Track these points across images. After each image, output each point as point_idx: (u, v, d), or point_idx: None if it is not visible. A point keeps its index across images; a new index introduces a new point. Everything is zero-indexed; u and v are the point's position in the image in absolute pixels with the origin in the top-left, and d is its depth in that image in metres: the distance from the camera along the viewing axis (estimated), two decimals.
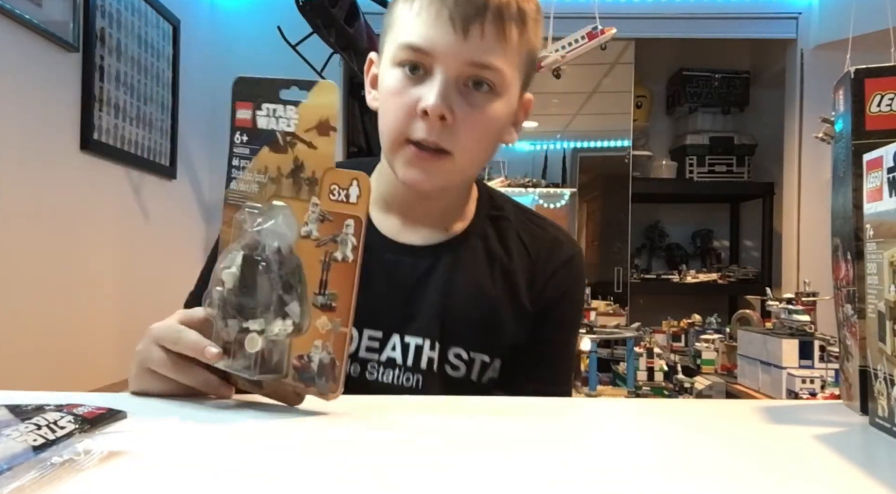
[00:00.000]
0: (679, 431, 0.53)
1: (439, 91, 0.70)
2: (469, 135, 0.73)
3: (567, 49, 2.40)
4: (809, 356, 1.98)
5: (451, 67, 0.70)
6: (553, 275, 0.84)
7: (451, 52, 0.70)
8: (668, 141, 4.01)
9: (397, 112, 0.73)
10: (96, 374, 2.09)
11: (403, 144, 0.73)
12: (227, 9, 3.13)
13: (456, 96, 0.71)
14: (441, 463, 0.43)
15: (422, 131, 0.71)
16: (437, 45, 0.70)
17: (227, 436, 0.49)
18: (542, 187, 3.67)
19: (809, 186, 3.31)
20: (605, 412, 0.62)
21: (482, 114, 0.73)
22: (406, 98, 0.72)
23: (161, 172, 2.60)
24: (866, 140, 0.55)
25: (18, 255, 1.78)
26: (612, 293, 3.41)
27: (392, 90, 0.73)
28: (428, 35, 0.70)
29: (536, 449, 0.47)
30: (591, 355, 2.10)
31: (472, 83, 0.72)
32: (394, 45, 0.73)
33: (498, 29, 0.70)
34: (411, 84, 0.72)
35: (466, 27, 0.69)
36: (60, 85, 1.98)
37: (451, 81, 0.71)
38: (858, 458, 0.46)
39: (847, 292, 0.57)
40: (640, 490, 0.38)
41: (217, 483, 0.39)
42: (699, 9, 3.29)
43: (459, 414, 0.58)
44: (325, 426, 0.53)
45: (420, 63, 0.71)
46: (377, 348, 0.78)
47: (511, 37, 0.72)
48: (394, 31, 0.74)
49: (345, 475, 0.41)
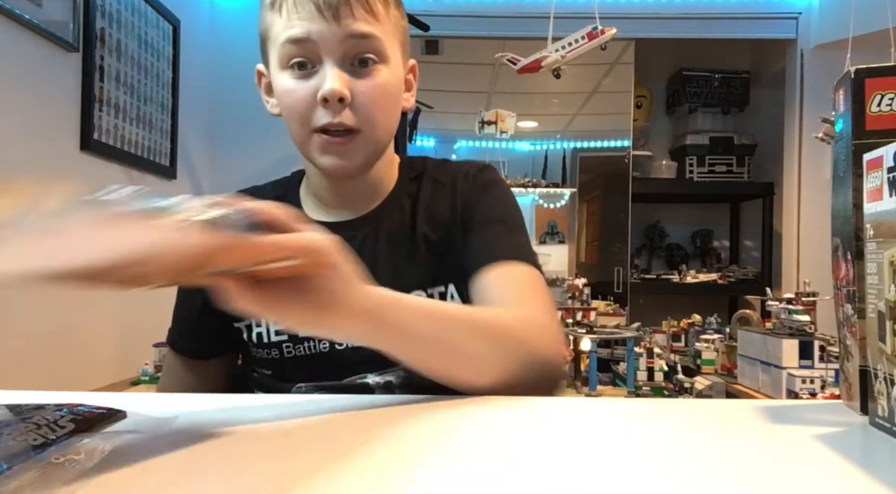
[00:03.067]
0: (679, 431, 0.53)
1: (332, 75, 0.75)
2: (370, 108, 0.78)
3: (567, 49, 2.40)
4: (809, 356, 1.98)
5: (334, 49, 0.76)
6: (466, 183, 0.88)
7: (329, 35, 0.75)
8: (668, 141, 4.01)
9: (298, 107, 0.78)
10: (96, 374, 2.09)
11: (311, 135, 0.78)
12: (227, 9, 3.13)
13: (347, 77, 0.76)
14: (440, 463, 0.43)
15: (326, 117, 0.76)
16: (315, 33, 0.75)
17: (227, 435, 0.49)
18: (542, 186, 3.67)
19: (809, 186, 3.31)
20: (605, 412, 0.62)
21: (375, 85, 0.78)
22: (302, 92, 0.77)
23: (161, 172, 2.60)
24: (866, 140, 0.55)
25: None
26: (612, 293, 3.41)
27: (287, 90, 0.78)
28: (305, 26, 0.75)
29: (536, 449, 0.47)
30: (591, 355, 2.10)
31: (358, 62, 0.78)
32: (276, 48, 0.78)
33: (362, 5, 0.77)
34: (303, 79, 0.77)
35: (335, 9, 0.75)
36: (60, 85, 1.98)
37: (338, 64, 0.76)
38: (858, 458, 0.46)
39: (847, 292, 0.57)
40: (640, 490, 0.38)
41: (217, 483, 0.39)
42: (699, 9, 3.30)
43: (459, 414, 0.58)
44: (324, 427, 0.53)
45: (306, 57, 0.77)
46: None
47: (377, 9, 0.78)
48: (272, 37, 0.79)
49: (345, 476, 0.41)
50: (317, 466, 0.42)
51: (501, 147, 3.12)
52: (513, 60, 2.54)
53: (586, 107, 3.81)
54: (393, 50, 0.80)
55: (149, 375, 2.10)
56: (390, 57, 0.80)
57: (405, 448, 0.47)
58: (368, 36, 0.77)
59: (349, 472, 0.41)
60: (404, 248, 0.85)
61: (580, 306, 2.68)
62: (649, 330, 2.66)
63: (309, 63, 0.77)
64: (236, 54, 3.05)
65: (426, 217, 0.86)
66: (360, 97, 0.77)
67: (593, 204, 3.85)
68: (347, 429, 0.53)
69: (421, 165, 0.92)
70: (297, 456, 0.44)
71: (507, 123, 2.78)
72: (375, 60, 0.78)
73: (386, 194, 0.88)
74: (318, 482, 0.39)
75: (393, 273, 0.82)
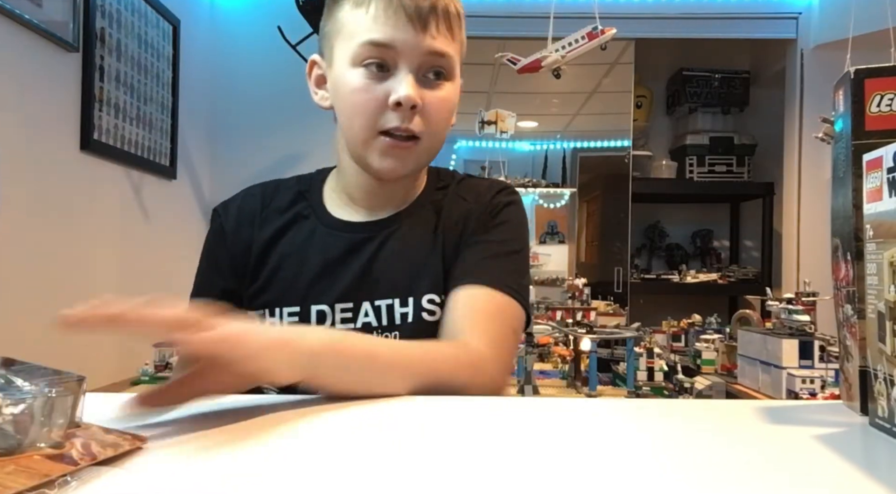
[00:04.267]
0: (679, 431, 0.53)
1: (408, 82, 0.78)
2: (434, 119, 0.81)
3: (567, 49, 2.40)
4: (809, 356, 1.98)
5: (413, 59, 0.79)
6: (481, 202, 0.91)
7: (412, 45, 0.78)
8: (668, 141, 4.01)
9: (368, 107, 0.79)
10: (96, 374, 2.09)
11: (376, 137, 0.80)
12: (227, 9, 3.13)
13: (420, 86, 0.79)
14: (440, 464, 0.43)
15: (395, 120, 0.79)
16: (399, 41, 0.78)
17: (226, 435, 0.49)
18: (542, 187, 3.67)
19: (809, 186, 3.31)
20: (605, 412, 0.62)
21: (442, 99, 0.82)
22: (374, 93, 0.79)
23: (161, 172, 2.60)
24: (866, 140, 0.55)
25: (18, 255, 1.78)
26: (612, 293, 3.40)
27: (358, 88, 0.80)
28: (390, 33, 0.78)
29: (536, 449, 0.47)
30: (591, 355, 2.10)
31: (431, 73, 0.81)
32: (352, 45, 0.79)
33: (445, 23, 0.81)
34: (377, 80, 0.79)
35: (424, 23, 0.78)
36: (60, 85, 1.98)
37: (413, 73, 0.79)
38: (858, 458, 0.46)
39: (847, 292, 0.57)
40: (641, 490, 0.38)
41: (216, 484, 0.39)
42: (699, 9, 3.29)
43: (458, 414, 0.58)
44: (324, 427, 0.53)
45: (384, 60, 0.79)
46: (351, 318, 0.84)
47: (454, 30, 0.82)
48: (346, 34, 0.81)
49: (346, 477, 0.41)
50: (316, 466, 0.42)
51: (501, 147, 3.12)
52: (513, 60, 2.54)
53: (586, 107, 3.81)
54: (457, 69, 0.85)
55: (149, 375, 2.10)
56: (455, 76, 0.84)
57: (400, 446, 0.47)
58: (445, 54, 0.81)
59: (350, 472, 0.41)
60: (422, 254, 0.87)
61: (580, 306, 2.68)
62: (649, 330, 2.66)
63: (385, 65, 0.79)
64: (236, 54, 3.06)
65: (445, 228, 0.88)
66: (428, 107, 0.80)
67: (593, 204, 3.85)
68: (350, 428, 0.53)
69: (448, 178, 0.95)
70: (296, 456, 0.44)
71: (507, 123, 2.78)
72: (445, 76, 0.82)
73: (412, 199, 0.91)
74: (319, 482, 0.39)
75: (408, 276, 0.85)
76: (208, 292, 0.89)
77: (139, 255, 2.43)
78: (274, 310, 0.85)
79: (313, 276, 0.85)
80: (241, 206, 0.91)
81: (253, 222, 0.89)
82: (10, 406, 0.39)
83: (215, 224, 0.92)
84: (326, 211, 0.90)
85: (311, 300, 0.84)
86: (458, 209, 0.90)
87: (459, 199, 0.91)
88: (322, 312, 0.84)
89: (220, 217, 0.91)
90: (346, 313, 0.84)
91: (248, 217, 0.90)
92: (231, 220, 0.90)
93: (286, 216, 0.89)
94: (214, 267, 0.91)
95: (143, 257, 2.45)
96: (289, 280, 0.86)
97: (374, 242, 0.86)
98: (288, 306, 0.84)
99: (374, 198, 0.89)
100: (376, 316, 0.84)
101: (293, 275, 0.86)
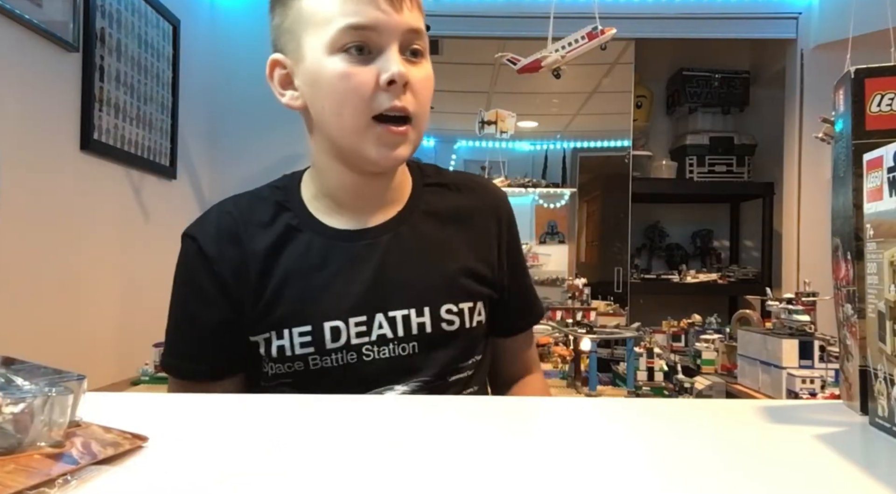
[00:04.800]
0: (679, 431, 0.53)
1: (397, 59, 0.76)
2: (422, 97, 0.79)
3: (567, 49, 2.39)
4: (809, 356, 1.98)
5: (395, 38, 0.76)
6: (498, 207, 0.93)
7: (394, 24, 0.76)
8: (668, 141, 4.01)
9: (358, 91, 0.76)
10: (96, 374, 2.09)
11: (370, 125, 0.77)
12: (227, 9, 3.13)
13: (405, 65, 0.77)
14: (440, 464, 0.43)
15: (388, 101, 0.76)
16: (381, 22, 0.75)
17: (227, 434, 0.49)
18: (542, 187, 3.67)
19: (809, 186, 3.30)
20: (605, 412, 0.62)
21: (427, 77, 0.80)
22: (362, 76, 0.76)
23: (161, 172, 2.59)
24: (866, 140, 0.55)
25: (18, 255, 1.78)
26: (612, 293, 3.40)
27: (343, 74, 0.76)
28: (372, 14, 0.75)
29: (536, 449, 0.47)
30: (591, 355, 2.10)
31: (409, 52, 0.79)
32: (329, 32, 0.76)
33: (416, 1, 0.79)
34: (360, 64, 0.76)
35: (399, 3, 0.76)
36: (60, 85, 1.98)
37: (399, 52, 0.77)
38: (858, 458, 0.46)
39: (847, 292, 0.57)
40: (640, 490, 0.38)
41: (216, 484, 0.39)
42: (699, 9, 3.29)
43: (458, 414, 0.58)
44: (324, 426, 0.53)
45: (364, 43, 0.76)
46: (365, 331, 0.81)
47: (421, 7, 0.81)
48: (318, 22, 0.77)
49: (346, 477, 0.41)
50: (316, 467, 0.42)
51: (501, 147, 3.12)
52: (513, 60, 2.54)
53: (586, 107, 3.81)
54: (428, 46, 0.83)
55: (149, 375, 2.09)
56: (427, 53, 0.82)
57: (401, 446, 0.47)
58: (420, 31, 0.79)
59: (349, 472, 0.41)
60: (432, 258, 0.85)
61: (580, 306, 2.68)
62: (649, 330, 2.66)
63: (365, 48, 0.76)
64: (236, 54, 3.06)
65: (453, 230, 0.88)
66: (416, 85, 0.78)
67: (593, 204, 3.85)
68: (350, 427, 0.53)
69: (435, 174, 0.93)
70: (299, 456, 0.44)
71: (507, 123, 2.78)
72: (422, 53, 0.80)
73: (402, 197, 0.88)
74: (318, 482, 0.39)
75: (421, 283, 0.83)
76: (198, 330, 0.84)
77: (139, 255, 2.43)
78: (282, 332, 0.80)
79: (320, 291, 0.81)
80: (218, 225, 0.84)
81: (236, 241, 0.82)
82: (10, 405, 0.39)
83: (191, 250, 0.83)
84: (318, 221, 0.84)
85: (321, 317, 0.80)
86: (459, 208, 0.89)
87: (458, 196, 0.90)
88: (336, 328, 0.80)
89: (197, 242, 0.83)
90: (360, 326, 0.80)
91: (229, 236, 0.83)
92: (210, 242, 0.82)
93: (275, 230, 0.83)
94: (199, 298, 0.83)
95: (143, 257, 2.45)
96: (294, 298, 0.80)
97: (377, 249, 0.83)
98: (297, 325, 0.79)
99: (361, 198, 0.84)
100: (391, 327, 0.81)
101: (298, 292, 0.80)
